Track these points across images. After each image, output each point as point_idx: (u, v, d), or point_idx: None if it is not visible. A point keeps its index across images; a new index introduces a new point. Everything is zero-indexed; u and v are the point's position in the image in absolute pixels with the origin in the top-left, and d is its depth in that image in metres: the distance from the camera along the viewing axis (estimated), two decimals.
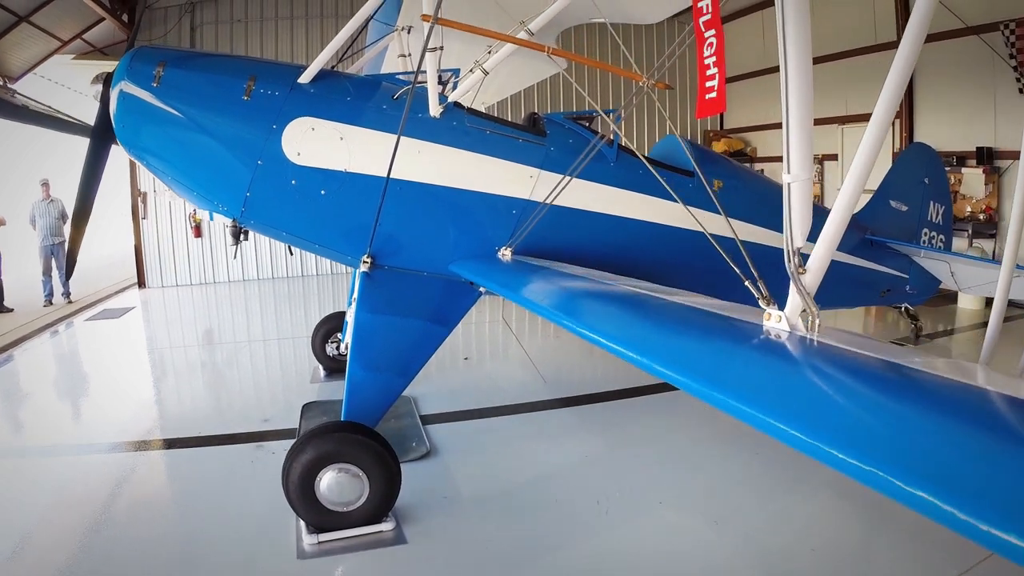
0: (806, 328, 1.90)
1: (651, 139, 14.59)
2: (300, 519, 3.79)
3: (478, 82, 4.37)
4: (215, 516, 4.08)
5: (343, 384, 4.02)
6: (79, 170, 4.43)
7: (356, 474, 3.67)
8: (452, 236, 4.36)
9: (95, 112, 4.30)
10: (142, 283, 13.25)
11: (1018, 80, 8.94)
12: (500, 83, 6.23)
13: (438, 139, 4.25)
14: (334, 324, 6.78)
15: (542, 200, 4.29)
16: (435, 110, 4.27)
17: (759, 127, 14.31)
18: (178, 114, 4.06)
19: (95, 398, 6.92)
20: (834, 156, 12.16)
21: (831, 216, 1.89)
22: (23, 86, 13.06)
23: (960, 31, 9.24)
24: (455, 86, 4.70)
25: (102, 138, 4.32)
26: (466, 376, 6.87)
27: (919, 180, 6.54)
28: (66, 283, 5.66)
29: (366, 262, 4.21)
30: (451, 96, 4.40)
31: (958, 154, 9.88)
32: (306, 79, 4.20)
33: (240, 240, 4.45)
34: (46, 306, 11.31)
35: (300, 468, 3.62)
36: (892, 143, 10.77)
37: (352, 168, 4.14)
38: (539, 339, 8.48)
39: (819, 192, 12.26)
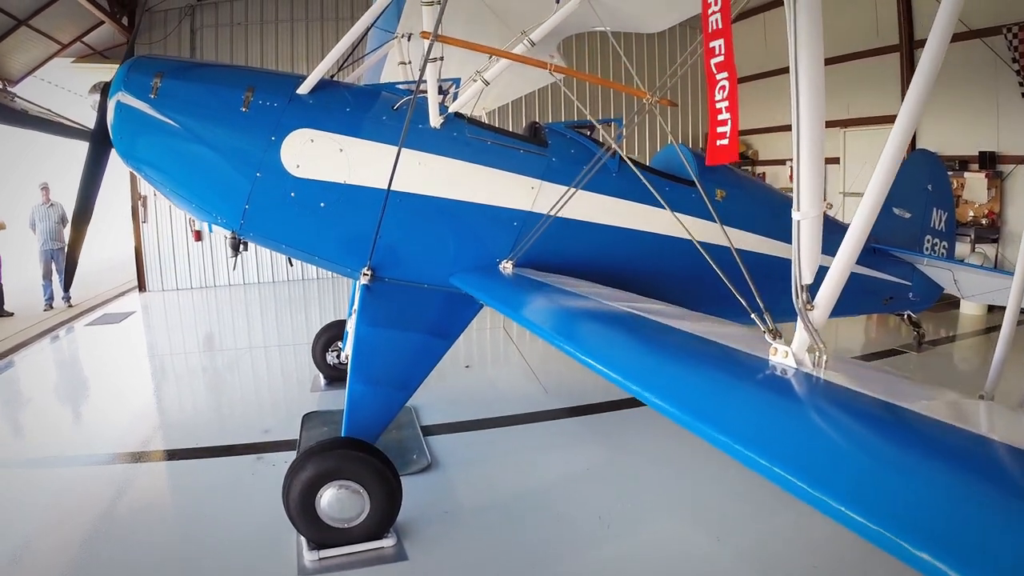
0: (813, 365, 1.88)
1: (652, 147, 14.52)
2: (301, 535, 3.77)
3: (479, 92, 4.34)
4: (215, 531, 4.06)
5: (343, 393, 4.00)
6: (78, 172, 4.38)
7: (357, 491, 3.65)
8: (453, 248, 4.32)
9: (94, 118, 4.26)
10: (142, 286, 13.24)
11: (1021, 84, 8.90)
12: (500, 90, 6.19)
13: (438, 150, 4.21)
14: (335, 332, 6.75)
15: (543, 211, 4.25)
16: (435, 121, 4.23)
17: (761, 130, 14.27)
18: (176, 126, 4.02)
19: (95, 407, 6.90)
20: (836, 159, 12.12)
21: (840, 252, 1.85)
22: (23, 89, 13.04)
23: (963, 35, 9.18)
24: (455, 96, 4.66)
25: (101, 144, 4.28)
26: (467, 384, 6.84)
27: (922, 187, 6.51)
28: (66, 292, 5.64)
29: (366, 274, 4.17)
30: (451, 107, 4.36)
31: (961, 158, 9.85)
32: (305, 90, 4.15)
33: (239, 252, 4.42)
34: (46, 310, 11.28)
35: (301, 485, 3.60)
36: None
37: (352, 180, 4.10)
38: (540, 347, 8.42)
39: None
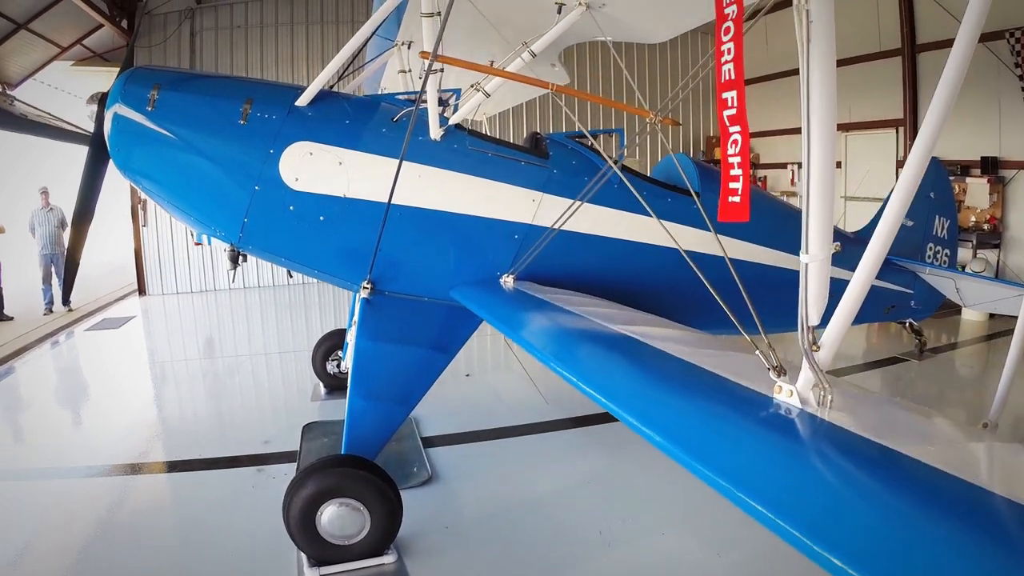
0: (818, 403, 1.86)
1: (654, 156, 14.44)
2: (301, 552, 3.74)
3: (479, 103, 4.31)
4: (215, 546, 4.04)
5: (343, 403, 3.97)
6: (78, 175, 4.35)
7: (357, 508, 3.63)
8: (453, 261, 4.29)
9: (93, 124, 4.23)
10: (142, 290, 13.23)
11: (1023, 89, 8.87)
12: (499, 98, 6.16)
13: (439, 163, 4.17)
14: (335, 341, 6.73)
15: (545, 224, 4.21)
16: (436, 133, 4.20)
17: (762, 133, 14.21)
18: (173, 138, 3.99)
19: (95, 416, 6.87)
20: (837, 164, 12.09)
21: (851, 285, 1.83)
22: (23, 92, 13.04)
23: None
24: (456, 108, 4.63)
25: (100, 151, 4.25)
26: (468, 393, 6.81)
27: (925, 194, 6.47)
28: (66, 299, 5.63)
29: (366, 288, 4.15)
30: (452, 118, 4.33)
31: (962, 163, 9.82)
32: (304, 102, 4.12)
33: (238, 264, 4.39)
34: (46, 314, 11.27)
35: (301, 502, 3.58)
36: (896, 152, 10.72)
37: (351, 193, 4.07)
38: None
39: None
